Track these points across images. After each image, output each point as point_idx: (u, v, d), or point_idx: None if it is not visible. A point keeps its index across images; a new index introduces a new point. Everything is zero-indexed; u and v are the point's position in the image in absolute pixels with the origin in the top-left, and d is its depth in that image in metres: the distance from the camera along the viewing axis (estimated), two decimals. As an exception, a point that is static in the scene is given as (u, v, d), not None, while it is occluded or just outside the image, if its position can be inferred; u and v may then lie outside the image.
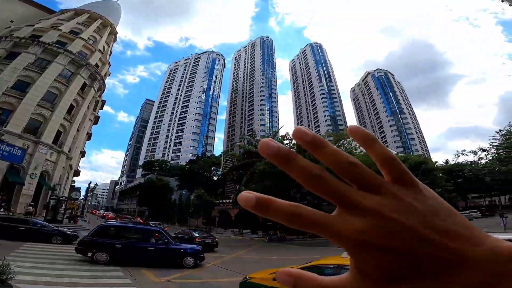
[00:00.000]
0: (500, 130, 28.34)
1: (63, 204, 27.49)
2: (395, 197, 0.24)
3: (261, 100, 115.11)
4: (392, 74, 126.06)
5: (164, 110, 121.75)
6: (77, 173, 46.63)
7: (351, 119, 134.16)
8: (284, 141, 36.23)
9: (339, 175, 0.26)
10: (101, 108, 51.50)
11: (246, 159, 34.57)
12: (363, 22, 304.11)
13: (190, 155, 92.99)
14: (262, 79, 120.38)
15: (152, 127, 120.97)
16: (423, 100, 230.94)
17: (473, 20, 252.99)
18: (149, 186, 55.56)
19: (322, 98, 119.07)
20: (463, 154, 36.57)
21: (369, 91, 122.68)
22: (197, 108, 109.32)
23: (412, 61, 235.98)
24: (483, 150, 32.20)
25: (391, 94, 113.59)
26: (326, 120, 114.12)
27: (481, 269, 0.22)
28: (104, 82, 36.56)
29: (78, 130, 32.75)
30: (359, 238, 0.23)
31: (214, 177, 63.62)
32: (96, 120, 47.65)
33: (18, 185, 24.05)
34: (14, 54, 26.89)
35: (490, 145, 30.21)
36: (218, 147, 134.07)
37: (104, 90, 39.17)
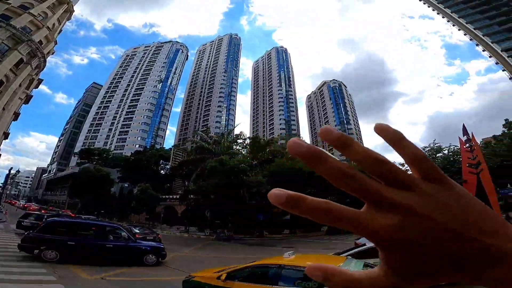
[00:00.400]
0: (425, 147, 32.78)
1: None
2: (427, 194, 0.24)
3: (220, 97, 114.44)
4: (345, 86, 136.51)
5: (113, 96, 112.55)
6: (-6, 157, 39.89)
7: (304, 125, 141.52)
8: (238, 140, 36.34)
9: (368, 172, 0.26)
10: (36, 87, 45.19)
11: (198, 155, 33.78)
12: (328, 32, 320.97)
13: (137, 146, 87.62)
14: (224, 76, 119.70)
15: (96, 112, 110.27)
16: (368, 113, 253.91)
17: (423, 41, 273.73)
18: (86, 176, 50.15)
19: (279, 102, 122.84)
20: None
21: (323, 100, 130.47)
22: (151, 98, 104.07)
23: (364, 75, 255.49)
24: (407, 163, 36.71)
25: (341, 105, 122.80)
26: (280, 124, 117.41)
27: None
28: (45, 60, 33.58)
29: (3, 108, 28.41)
30: (390, 234, 0.23)
31: (162, 171, 60.64)
32: (27, 99, 41.55)
33: None
34: None
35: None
36: (169, 140, 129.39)
37: (43, 69, 35.71)
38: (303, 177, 25.00)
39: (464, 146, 19.88)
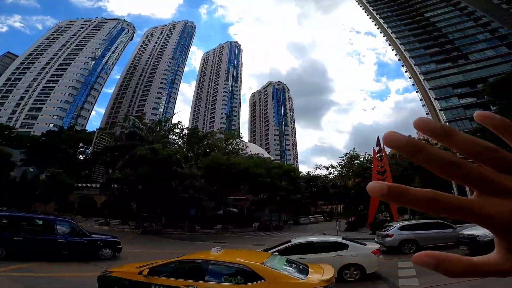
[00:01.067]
0: (346, 153, 37.09)
1: None
2: None
3: (162, 83, 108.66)
4: (288, 89, 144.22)
5: (30, 67, 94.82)
6: None
7: (245, 122, 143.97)
8: (175, 130, 34.89)
9: (476, 161, 0.26)
10: None
11: (128, 141, 30.79)
12: (282, 35, 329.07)
13: (51, 125, 75.89)
14: (170, 62, 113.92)
15: (4, 84, 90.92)
16: (304, 117, 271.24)
17: (361, 56, 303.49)
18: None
19: (223, 96, 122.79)
20: (319, 168, 45.79)
21: (266, 100, 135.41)
22: (79, 75, 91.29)
23: (307, 81, 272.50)
24: (332, 167, 41.14)
25: (282, 106, 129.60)
26: (222, 118, 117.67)
27: None
28: None
29: None
30: (509, 219, 0.24)
31: (81, 156, 53.70)
32: None
33: None
34: None
35: (337, 164, 39.04)
36: (94, 122, 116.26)
37: None
38: (238, 174, 25.32)
39: (376, 156, 23.35)
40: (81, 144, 52.76)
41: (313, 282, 4.65)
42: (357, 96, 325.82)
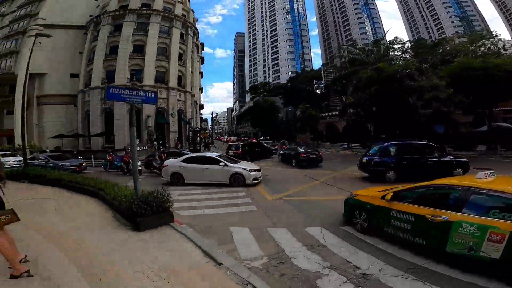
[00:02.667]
0: None
1: (198, 135, 34.59)
2: None
3: (356, 9, 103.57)
4: None
5: (255, 38, 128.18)
6: (201, 107, 55.79)
7: (492, 19, 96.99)
8: (394, 46, 30.27)
9: None
10: (202, 49, 56.43)
11: (350, 69, 31.43)
12: None
13: (290, 73, 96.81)
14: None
15: (249, 55, 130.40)
16: None
17: None
18: (257, 107, 60.17)
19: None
20: None
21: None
22: (286, 29, 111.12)
23: None
24: None
25: None
26: (453, 22, 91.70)
27: None
28: (196, 28, 38.99)
29: (192, 72, 37.77)
30: None
31: (317, 91, 62.06)
32: (202, 60, 53.18)
33: (166, 125, 31.49)
34: (118, 26, 31.28)
35: None
36: (316, 62, 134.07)
37: (198, 35, 42.25)
38: (502, 81, 17.38)
39: None
40: (314, 81, 60.98)
41: None
42: None
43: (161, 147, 26.29)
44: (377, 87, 21.82)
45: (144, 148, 25.68)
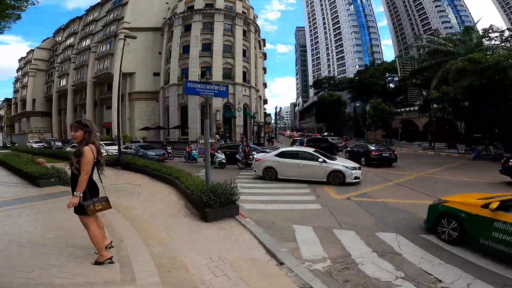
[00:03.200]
0: None
1: (262, 129, 35.30)
2: None
3: None
4: None
5: (316, 31, 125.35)
6: (265, 102, 56.76)
7: None
8: (489, 34, 25.34)
9: None
10: (264, 45, 57.19)
11: (432, 60, 27.69)
12: None
13: (357, 66, 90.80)
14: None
15: (311, 49, 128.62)
16: None
17: None
18: (322, 102, 58.15)
19: None
20: None
21: None
22: (350, 21, 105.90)
23: None
24: None
25: None
26: None
27: None
28: (256, 24, 39.54)
29: (255, 67, 38.64)
30: None
31: (390, 85, 56.34)
32: (264, 56, 53.95)
33: (232, 119, 33.09)
34: (188, 27, 33.85)
35: None
36: (387, 54, 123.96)
37: (260, 31, 42.68)
38: None
39: None
40: (387, 74, 55.33)
41: None
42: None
43: (228, 140, 27.72)
44: (472, 79, 18.39)
45: (213, 140, 27.46)
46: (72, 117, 45.01)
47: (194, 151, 18.50)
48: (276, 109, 53.85)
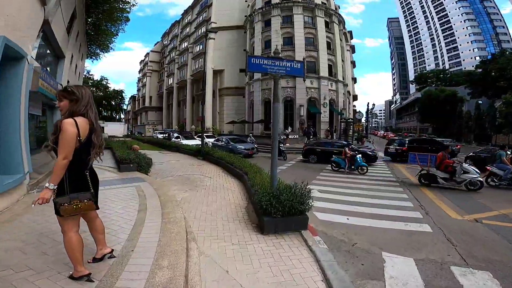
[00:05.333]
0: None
1: (351, 126, 31.88)
2: None
3: None
4: None
5: (414, 22, 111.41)
6: (355, 98, 51.72)
7: None
8: None
9: None
10: (351, 38, 51.82)
11: None
12: None
13: (477, 57, 75.34)
14: None
15: (410, 41, 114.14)
16: None
17: None
18: (429, 99, 48.65)
19: None
20: None
21: None
22: (461, 8, 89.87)
23: None
24: None
25: None
26: None
27: None
28: (339, 15, 36.30)
29: (342, 60, 35.30)
30: None
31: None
32: (352, 49, 48.74)
33: (317, 115, 31.06)
34: (268, 22, 33.27)
35: None
36: None
37: (344, 22, 39.25)
38: None
39: None
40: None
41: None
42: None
43: (311, 137, 26.00)
44: None
45: (296, 136, 26.41)
46: (177, 112, 52.03)
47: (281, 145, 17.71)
48: (368, 105, 48.07)
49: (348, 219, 5.64)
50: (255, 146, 18.69)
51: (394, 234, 4.88)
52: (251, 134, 21.14)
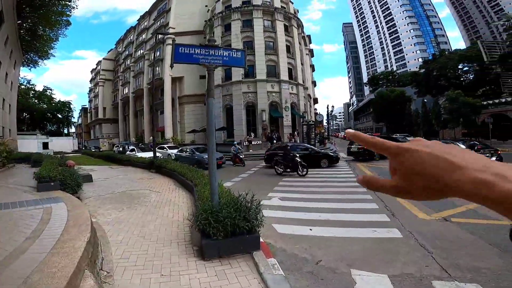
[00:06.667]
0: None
1: (312, 129, 32.23)
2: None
3: None
4: None
5: (366, 26, 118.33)
6: (315, 101, 53.13)
7: None
8: None
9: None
10: (310, 42, 53.54)
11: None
12: None
13: (419, 59, 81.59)
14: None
15: (363, 45, 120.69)
16: None
17: None
18: (381, 100, 51.89)
19: None
20: None
21: None
22: (404, 12, 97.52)
23: None
24: None
25: None
26: None
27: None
28: (298, 18, 37.07)
29: (302, 64, 35.91)
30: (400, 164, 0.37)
31: (467, 75, 47.40)
32: (311, 53, 50.23)
33: (279, 119, 30.92)
34: (228, 26, 32.91)
35: None
36: (455, 46, 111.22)
37: (303, 26, 40.05)
38: None
39: None
40: (463, 63, 46.46)
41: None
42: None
43: (275, 141, 25.60)
44: None
45: (259, 142, 25.79)
46: (134, 123, 48.59)
47: (235, 149, 16.96)
48: (328, 108, 49.63)
49: (311, 229, 4.94)
50: (222, 156, 16.97)
51: (362, 243, 4.26)
52: (235, 143, 19.49)
